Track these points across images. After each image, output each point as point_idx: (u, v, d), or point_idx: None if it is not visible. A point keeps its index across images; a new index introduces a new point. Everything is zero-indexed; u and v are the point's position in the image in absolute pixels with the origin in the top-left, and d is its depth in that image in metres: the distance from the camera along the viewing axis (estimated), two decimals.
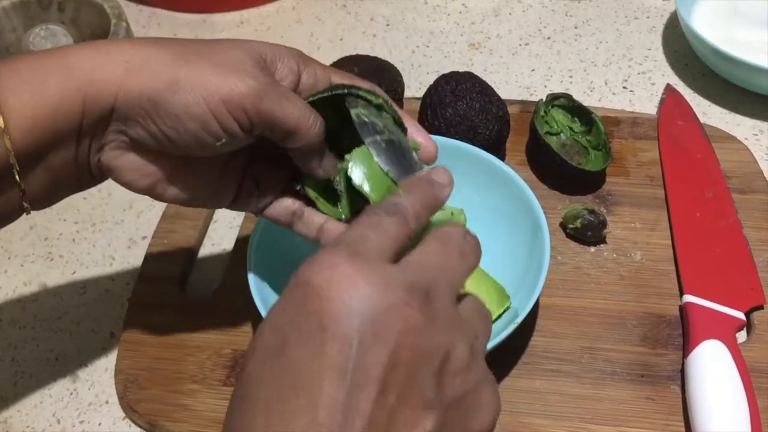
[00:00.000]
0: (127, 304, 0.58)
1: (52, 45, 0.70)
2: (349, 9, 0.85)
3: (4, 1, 0.72)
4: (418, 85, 0.74)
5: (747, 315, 0.52)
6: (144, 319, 0.56)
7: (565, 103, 0.63)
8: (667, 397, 0.49)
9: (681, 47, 0.75)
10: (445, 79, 0.61)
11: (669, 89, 0.69)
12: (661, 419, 0.48)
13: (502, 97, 0.62)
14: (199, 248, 0.62)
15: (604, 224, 0.57)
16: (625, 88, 0.72)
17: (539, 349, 0.52)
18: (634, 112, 0.67)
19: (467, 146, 0.56)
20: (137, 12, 0.87)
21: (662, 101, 0.67)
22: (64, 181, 0.40)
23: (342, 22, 0.83)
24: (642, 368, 0.51)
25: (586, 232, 0.57)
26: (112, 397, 0.54)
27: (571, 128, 0.63)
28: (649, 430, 0.48)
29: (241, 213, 0.64)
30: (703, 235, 0.56)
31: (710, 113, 0.68)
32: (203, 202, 0.44)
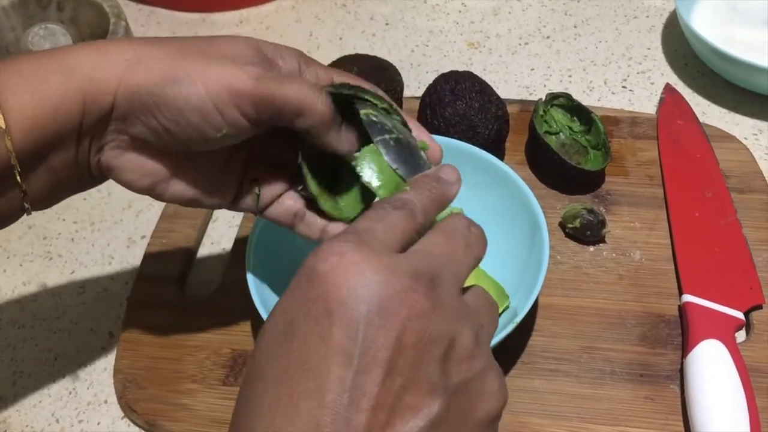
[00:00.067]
0: (125, 304, 0.58)
1: (51, 44, 0.70)
2: (349, 8, 0.85)
3: (3, 1, 0.72)
4: (418, 85, 0.74)
5: (746, 315, 0.52)
6: (143, 318, 0.56)
7: (565, 102, 0.63)
8: (666, 397, 0.49)
9: (680, 47, 0.75)
10: (444, 79, 0.61)
11: (668, 89, 0.68)
12: (660, 419, 0.48)
13: (502, 97, 0.62)
14: (198, 248, 0.62)
15: (603, 224, 0.57)
16: (624, 87, 0.72)
17: (538, 349, 0.52)
18: (634, 112, 0.67)
19: (466, 146, 0.56)
20: (136, 11, 0.87)
21: (661, 101, 0.67)
22: (65, 182, 0.40)
23: (341, 21, 0.83)
24: (641, 368, 0.51)
25: (585, 232, 0.57)
26: (110, 397, 0.54)
27: (571, 128, 0.63)
28: (648, 430, 0.48)
29: (241, 213, 0.64)
30: (703, 235, 0.56)
31: (709, 113, 0.68)
32: (203, 202, 0.43)
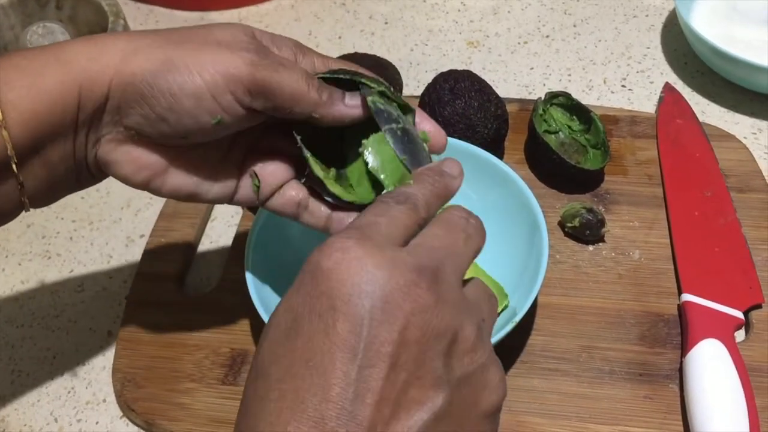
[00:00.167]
0: (124, 303, 0.58)
1: (49, 43, 0.69)
2: (348, 7, 0.85)
3: None
4: (417, 84, 0.74)
5: (745, 314, 0.52)
6: (141, 317, 0.56)
7: (564, 101, 0.63)
8: (666, 396, 0.49)
9: (680, 46, 0.75)
10: (443, 78, 0.61)
11: (668, 88, 0.68)
12: (660, 418, 0.48)
13: (501, 96, 0.62)
14: (197, 246, 0.62)
15: (602, 223, 0.57)
16: (623, 86, 0.72)
17: (537, 348, 0.52)
18: (633, 111, 0.67)
19: (466, 145, 0.56)
20: (135, 10, 0.87)
21: (661, 100, 0.67)
22: (63, 178, 0.40)
23: (340, 20, 0.83)
24: (640, 367, 0.51)
25: (585, 231, 0.57)
26: (109, 396, 0.54)
27: (570, 127, 0.63)
28: (648, 429, 0.48)
29: (239, 211, 0.64)
30: (702, 234, 0.56)
31: (709, 112, 0.68)
32: (203, 195, 0.43)
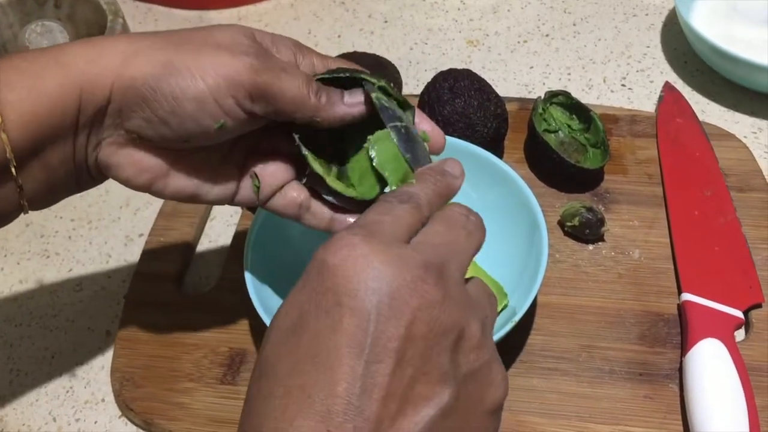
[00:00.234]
0: (123, 302, 0.58)
1: (48, 41, 0.69)
2: (347, 6, 0.85)
3: None
4: (416, 83, 0.74)
5: (745, 313, 0.52)
6: (140, 316, 0.56)
7: (564, 100, 0.63)
8: (666, 396, 0.49)
9: (680, 45, 0.74)
10: (443, 77, 0.61)
11: (668, 87, 0.68)
12: (659, 418, 0.48)
13: (501, 95, 0.62)
14: (196, 246, 0.62)
15: (602, 222, 0.57)
16: (623, 85, 0.72)
17: (537, 348, 0.52)
18: (633, 110, 0.67)
19: (465, 144, 0.55)
20: (134, 8, 0.87)
21: (661, 99, 0.67)
22: (62, 181, 0.40)
23: (340, 19, 0.83)
24: (640, 367, 0.50)
25: (584, 230, 0.57)
26: (108, 396, 0.54)
27: (570, 126, 0.63)
28: (648, 429, 0.48)
29: (239, 210, 0.64)
30: (702, 234, 0.56)
31: (709, 111, 0.68)
32: (204, 197, 0.43)
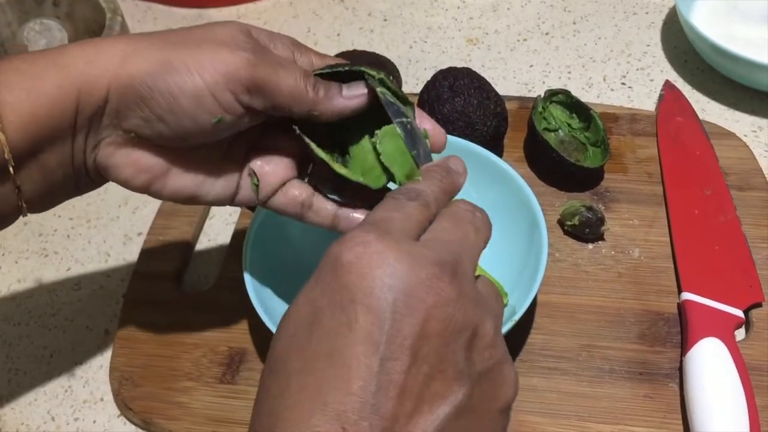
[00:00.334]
0: (122, 301, 0.58)
1: (46, 40, 0.69)
2: (347, 4, 0.84)
3: None
4: (416, 81, 0.74)
5: (746, 313, 0.51)
6: (139, 315, 0.56)
7: (564, 99, 0.63)
8: (666, 395, 0.49)
9: (680, 43, 0.74)
10: (442, 75, 0.61)
11: (668, 85, 0.68)
12: (659, 417, 0.48)
13: (500, 93, 0.62)
14: (195, 244, 0.62)
15: (602, 221, 0.57)
16: (623, 84, 0.72)
17: (537, 347, 0.52)
18: (633, 109, 0.67)
19: (465, 142, 0.55)
20: (133, 7, 0.87)
21: (661, 97, 0.67)
22: (61, 183, 0.40)
23: (339, 17, 0.83)
24: (640, 366, 0.50)
25: (584, 229, 0.57)
26: (107, 395, 0.54)
27: (570, 124, 0.63)
28: (648, 429, 0.48)
29: (238, 209, 0.63)
30: (702, 233, 0.56)
31: (709, 110, 0.68)
32: (203, 197, 0.43)
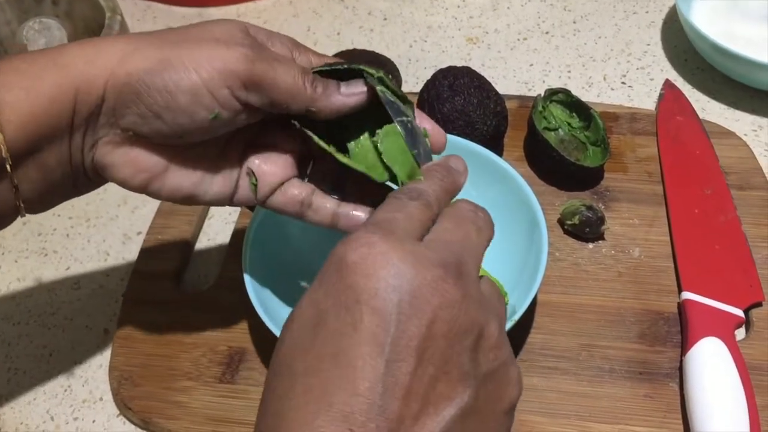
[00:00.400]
0: (121, 300, 0.58)
1: (46, 39, 0.69)
2: (347, 3, 0.84)
3: None
4: (416, 80, 0.74)
5: (746, 312, 0.51)
6: (138, 315, 0.56)
7: (564, 98, 0.63)
8: (666, 395, 0.49)
9: (680, 42, 0.74)
10: (442, 74, 0.61)
11: (668, 85, 0.68)
12: (659, 417, 0.48)
13: (500, 92, 0.61)
14: (195, 244, 0.62)
15: (602, 220, 0.57)
16: (623, 83, 0.72)
17: (537, 346, 0.52)
18: (633, 108, 0.67)
19: (465, 142, 0.55)
20: (132, 6, 0.87)
21: (661, 97, 0.67)
22: (59, 183, 0.40)
23: (339, 16, 0.83)
24: (640, 366, 0.50)
25: (584, 229, 0.57)
26: (106, 394, 0.54)
27: (570, 124, 0.63)
28: (648, 428, 0.48)
29: (237, 208, 0.63)
30: (702, 232, 0.56)
31: (709, 109, 0.68)
32: (202, 197, 0.43)
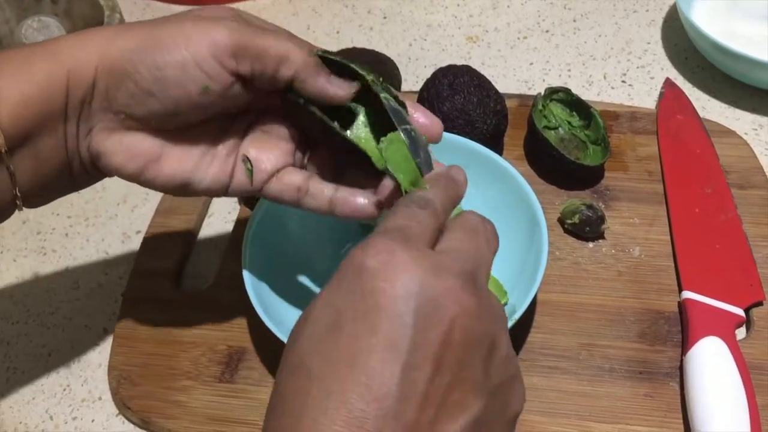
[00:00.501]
0: (120, 299, 0.58)
1: (44, 37, 0.69)
2: (346, 1, 0.84)
3: None
4: (416, 79, 0.74)
5: (746, 311, 0.51)
6: (138, 314, 0.56)
7: (564, 97, 0.63)
8: (666, 395, 0.49)
9: (680, 41, 0.74)
10: (442, 73, 0.61)
11: (668, 83, 0.68)
12: (660, 416, 0.48)
13: (500, 91, 0.61)
14: (194, 243, 0.62)
15: (602, 220, 0.56)
16: (624, 82, 0.71)
17: (537, 346, 0.52)
18: (633, 107, 0.67)
19: (465, 141, 0.55)
20: (131, 4, 0.86)
21: (661, 95, 0.67)
22: (56, 173, 0.40)
23: (339, 14, 0.83)
24: (640, 365, 0.50)
25: (585, 228, 0.56)
26: (105, 394, 0.53)
27: (570, 122, 0.63)
28: (648, 428, 0.48)
29: (237, 207, 0.63)
30: (702, 231, 0.56)
31: (710, 108, 0.68)
32: (197, 185, 0.42)
